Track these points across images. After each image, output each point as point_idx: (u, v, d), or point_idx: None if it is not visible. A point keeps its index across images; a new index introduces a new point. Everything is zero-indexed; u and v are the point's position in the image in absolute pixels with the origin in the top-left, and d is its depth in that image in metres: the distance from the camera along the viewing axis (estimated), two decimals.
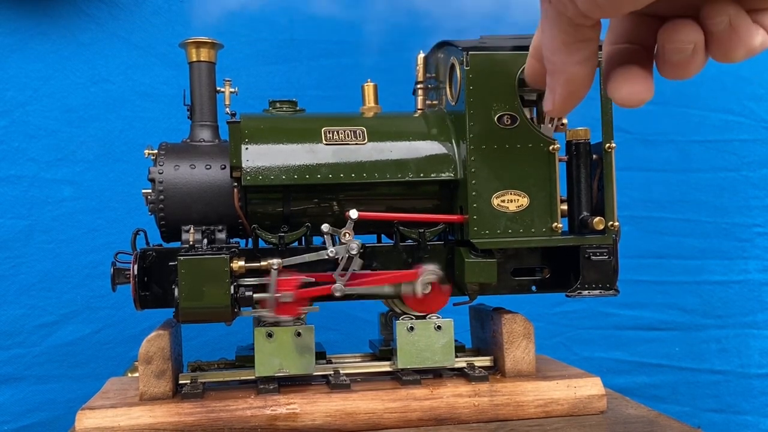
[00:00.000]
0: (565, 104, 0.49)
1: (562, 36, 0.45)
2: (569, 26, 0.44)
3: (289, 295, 0.90)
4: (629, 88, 0.46)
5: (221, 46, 1.01)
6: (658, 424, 0.87)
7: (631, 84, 0.46)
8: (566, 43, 0.45)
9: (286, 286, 0.90)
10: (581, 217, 0.96)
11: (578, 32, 0.44)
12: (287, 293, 0.90)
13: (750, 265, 1.58)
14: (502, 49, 0.94)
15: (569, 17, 0.43)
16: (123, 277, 0.93)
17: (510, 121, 0.93)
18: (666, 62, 0.44)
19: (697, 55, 0.43)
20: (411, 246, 0.98)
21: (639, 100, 0.46)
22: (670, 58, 0.44)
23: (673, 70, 0.44)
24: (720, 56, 0.44)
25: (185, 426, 0.86)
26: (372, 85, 1.07)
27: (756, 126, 1.59)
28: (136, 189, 1.02)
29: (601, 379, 0.96)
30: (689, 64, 0.44)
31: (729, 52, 0.43)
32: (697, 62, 0.44)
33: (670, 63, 0.44)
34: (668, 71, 0.45)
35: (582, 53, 0.46)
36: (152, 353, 0.90)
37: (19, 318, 1.34)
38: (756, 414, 1.56)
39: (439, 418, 0.91)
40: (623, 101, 0.46)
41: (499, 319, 0.98)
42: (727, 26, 0.42)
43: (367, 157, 0.96)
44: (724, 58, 0.44)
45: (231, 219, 0.95)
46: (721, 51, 0.43)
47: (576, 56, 0.46)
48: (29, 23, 1.36)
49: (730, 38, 0.42)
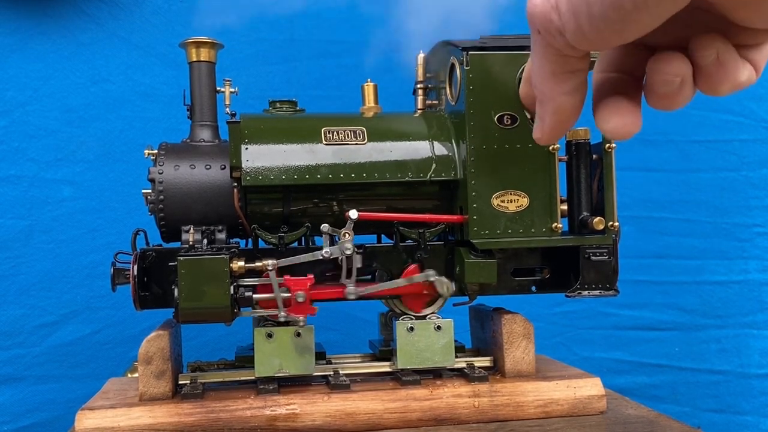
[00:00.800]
0: (554, 133, 0.50)
1: (551, 66, 0.45)
2: (558, 57, 0.44)
3: (302, 294, 0.90)
4: (617, 121, 0.47)
5: (221, 46, 1.01)
6: (658, 424, 0.87)
7: (620, 117, 0.47)
8: (555, 73, 0.46)
9: (300, 286, 0.90)
10: (581, 217, 0.96)
11: (567, 63, 0.45)
12: (300, 293, 0.90)
13: (750, 265, 1.58)
14: (502, 49, 0.94)
15: (558, 48, 0.43)
16: (123, 277, 0.93)
17: (510, 121, 0.93)
18: (654, 93, 0.45)
19: (684, 87, 0.44)
20: (411, 246, 0.98)
21: (626, 133, 0.47)
22: (657, 90, 0.44)
23: (660, 101, 0.45)
24: (706, 89, 0.44)
25: (185, 426, 0.86)
26: (372, 85, 1.07)
27: (756, 126, 1.59)
28: (136, 189, 1.02)
29: (601, 379, 0.96)
30: (676, 96, 0.44)
31: (715, 86, 0.44)
32: (684, 94, 0.44)
33: (658, 94, 0.44)
34: (656, 102, 0.45)
35: (570, 83, 0.46)
36: (152, 353, 0.90)
37: (19, 318, 1.34)
38: (756, 414, 1.56)
39: (439, 419, 0.91)
40: (611, 134, 0.47)
41: (499, 319, 0.98)
42: (714, 60, 0.42)
43: (367, 157, 0.96)
44: (710, 92, 0.44)
45: (231, 219, 0.95)
46: (707, 84, 0.44)
47: (564, 86, 0.46)
48: (29, 23, 1.36)
49: (717, 72, 0.43)
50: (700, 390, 1.56)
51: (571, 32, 0.41)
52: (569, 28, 0.41)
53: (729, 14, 0.41)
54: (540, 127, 0.50)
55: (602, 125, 0.47)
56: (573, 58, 0.44)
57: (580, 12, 0.40)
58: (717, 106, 1.58)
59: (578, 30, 0.41)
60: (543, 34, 0.43)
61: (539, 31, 0.43)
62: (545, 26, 0.42)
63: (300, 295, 0.90)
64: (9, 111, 1.35)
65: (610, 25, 0.39)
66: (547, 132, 0.49)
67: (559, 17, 0.41)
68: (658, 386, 1.55)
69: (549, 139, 0.50)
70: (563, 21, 0.41)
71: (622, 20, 0.38)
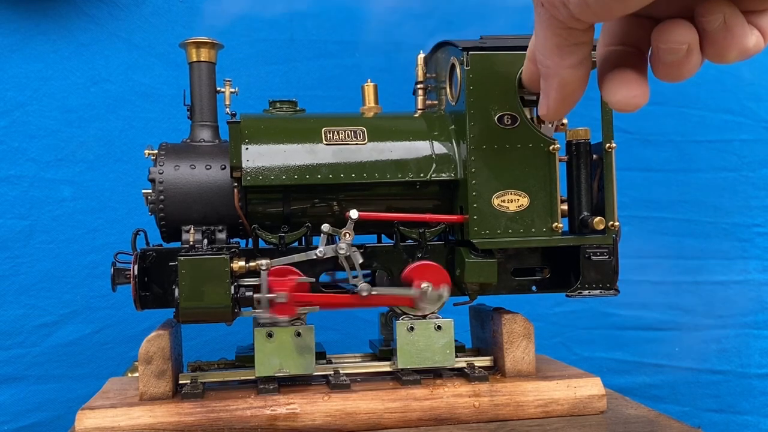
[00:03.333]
0: (560, 108, 0.49)
1: (555, 39, 0.45)
2: (562, 30, 0.44)
3: (283, 295, 0.89)
4: (625, 93, 0.46)
5: (221, 46, 1.01)
6: (658, 424, 0.87)
7: (627, 88, 0.46)
8: (559, 46, 0.45)
9: (281, 287, 0.90)
10: (581, 217, 0.96)
11: (571, 36, 0.44)
12: (281, 293, 0.89)
13: (750, 265, 1.58)
14: (502, 49, 0.94)
15: (562, 21, 0.43)
16: (123, 277, 0.93)
17: (510, 121, 0.93)
18: (660, 63, 0.44)
19: (691, 55, 0.43)
20: (411, 246, 0.98)
21: (635, 105, 0.46)
22: (664, 59, 0.44)
23: (667, 71, 0.44)
24: (713, 56, 0.43)
25: (185, 426, 0.86)
26: (372, 85, 1.07)
27: (756, 126, 1.59)
28: (136, 189, 1.02)
29: (601, 379, 0.96)
30: (683, 65, 0.43)
31: (722, 52, 0.43)
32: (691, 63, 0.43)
33: (664, 64, 0.44)
34: (663, 72, 0.44)
35: (575, 56, 0.46)
36: (152, 353, 0.90)
37: (19, 318, 1.34)
38: (756, 414, 1.56)
39: (439, 418, 0.91)
40: (619, 106, 0.46)
41: (499, 319, 0.98)
42: (721, 25, 0.42)
43: (367, 157, 0.96)
44: (717, 58, 0.43)
45: (231, 219, 0.95)
46: (714, 50, 0.43)
47: (569, 60, 0.46)
48: (29, 23, 1.36)
49: (724, 37, 0.42)
50: (700, 390, 1.56)
51: (575, 3, 0.41)
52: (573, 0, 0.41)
53: None
54: (545, 103, 0.49)
55: (609, 97, 0.47)
56: (577, 31, 0.44)
57: None
58: (717, 106, 1.58)
59: (582, 1, 0.40)
60: (547, 7, 0.43)
61: (543, 4, 0.43)
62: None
63: (281, 296, 0.89)
64: (9, 111, 1.35)
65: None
66: (552, 107, 0.49)
67: None
68: (658, 386, 1.55)
69: (554, 114, 0.50)
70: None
71: None
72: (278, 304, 0.89)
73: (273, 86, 1.44)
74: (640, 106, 0.46)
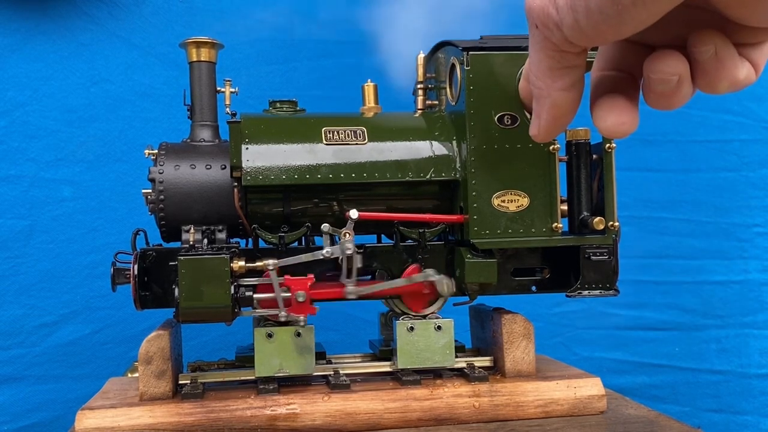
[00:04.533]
0: (550, 129, 0.49)
1: (548, 61, 0.45)
2: (555, 52, 0.44)
3: (302, 294, 0.90)
4: (614, 119, 0.46)
5: (221, 46, 1.01)
6: (658, 424, 0.87)
7: (617, 115, 0.46)
8: (551, 68, 0.45)
9: (300, 286, 0.90)
10: (581, 217, 0.96)
11: (564, 59, 0.44)
12: (301, 292, 0.90)
13: (750, 265, 1.58)
14: (502, 49, 0.94)
15: (555, 43, 0.43)
16: (123, 277, 0.93)
17: (510, 121, 0.93)
18: (651, 92, 0.44)
19: (682, 86, 0.43)
20: (411, 246, 0.98)
21: (623, 132, 0.46)
22: (654, 89, 0.44)
23: (658, 100, 0.45)
24: (704, 86, 0.44)
25: (185, 426, 0.86)
26: (372, 85, 1.07)
27: (756, 126, 1.59)
28: (136, 189, 1.02)
29: (601, 379, 0.96)
30: (674, 95, 0.44)
31: (713, 83, 0.43)
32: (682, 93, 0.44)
33: (655, 93, 0.44)
34: (654, 101, 0.45)
35: (567, 79, 0.46)
36: (152, 353, 0.90)
37: (19, 318, 1.34)
38: (756, 414, 1.56)
39: (439, 419, 0.91)
40: (608, 132, 0.47)
41: (499, 319, 0.98)
42: (712, 56, 0.42)
43: (367, 157, 0.96)
44: (708, 89, 0.44)
45: (231, 219, 0.95)
46: (705, 81, 0.43)
47: (561, 82, 0.46)
48: (29, 23, 1.36)
49: (715, 68, 0.43)
50: (700, 390, 1.56)
51: (568, 27, 0.41)
52: (567, 23, 0.41)
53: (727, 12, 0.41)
54: (536, 124, 0.50)
55: (599, 123, 0.47)
56: (570, 54, 0.44)
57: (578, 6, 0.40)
58: (717, 106, 1.58)
59: (575, 25, 0.41)
60: (541, 29, 0.43)
61: (537, 26, 0.43)
62: (543, 21, 0.42)
63: (300, 295, 0.90)
64: (9, 111, 1.35)
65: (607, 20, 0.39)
66: (543, 128, 0.49)
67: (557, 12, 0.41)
68: (658, 386, 1.55)
69: (545, 136, 0.50)
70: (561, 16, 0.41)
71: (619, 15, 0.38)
72: (297, 304, 0.90)
73: (273, 86, 1.44)
74: (628, 134, 0.46)
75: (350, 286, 0.92)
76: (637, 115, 0.46)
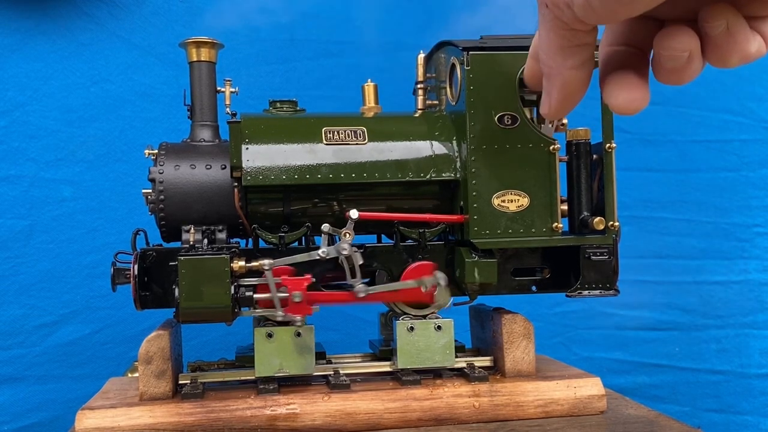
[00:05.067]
0: (561, 107, 0.49)
1: (559, 40, 0.45)
2: (565, 31, 0.44)
3: (299, 294, 0.90)
4: (625, 96, 0.46)
5: (221, 46, 1.01)
6: (658, 424, 0.87)
7: (628, 91, 0.46)
8: (562, 47, 0.45)
9: (297, 286, 0.90)
10: (581, 217, 0.96)
11: (574, 37, 0.44)
12: (297, 293, 0.90)
13: (750, 265, 1.58)
14: (502, 49, 0.94)
15: (565, 22, 0.43)
16: (123, 277, 0.93)
17: (510, 121, 0.93)
18: (661, 68, 0.44)
19: (692, 61, 0.43)
20: (411, 246, 0.98)
21: (635, 108, 0.46)
22: (665, 65, 0.44)
23: (668, 75, 0.44)
24: (715, 60, 0.44)
25: (185, 426, 0.86)
26: (372, 85, 1.07)
27: (756, 126, 1.59)
28: (136, 189, 1.02)
29: (601, 379, 0.96)
30: (684, 71, 0.44)
31: (724, 57, 0.43)
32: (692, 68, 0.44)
33: (666, 69, 0.44)
34: (664, 77, 0.45)
35: (578, 57, 0.46)
36: (152, 353, 0.90)
37: (19, 318, 1.34)
38: (756, 414, 1.56)
39: (439, 419, 0.91)
40: (619, 108, 0.47)
41: (499, 319, 0.98)
42: (724, 30, 0.42)
43: (368, 157, 0.96)
44: (719, 63, 0.44)
45: (231, 219, 0.95)
46: (716, 55, 0.43)
47: (571, 60, 0.46)
48: (29, 23, 1.36)
49: (727, 43, 0.42)
50: (700, 390, 1.56)
51: (579, 6, 0.41)
52: (578, 2, 0.41)
53: None
54: (547, 102, 0.50)
55: (610, 100, 0.47)
56: (581, 32, 0.44)
57: None
58: (717, 106, 1.58)
59: (586, 3, 0.40)
60: (551, 8, 0.43)
61: (547, 5, 0.43)
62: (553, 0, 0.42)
63: (297, 295, 0.90)
64: (9, 111, 1.35)
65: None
66: (554, 106, 0.49)
67: None
68: (658, 386, 1.55)
69: (556, 113, 0.50)
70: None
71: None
72: (294, 304, 0.90)
73: (273, 86, 1.44)
74: (639, 110, 0.46)
75: (359, 285, 0.91)
76: (647, 90, 0.46)
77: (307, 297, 0.90)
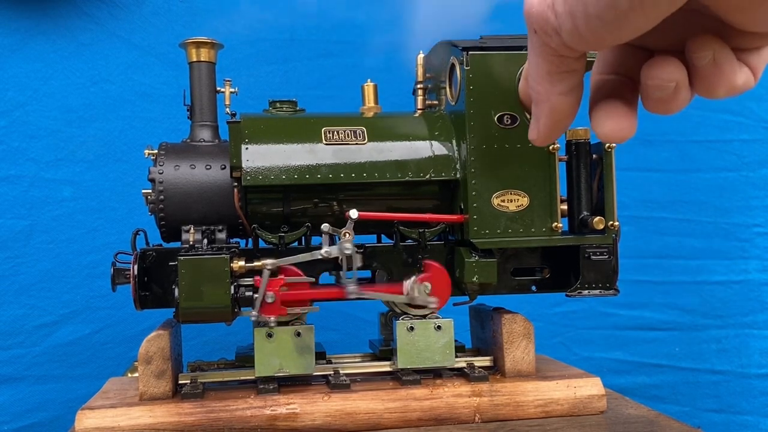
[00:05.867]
0: (550, 133, 0.49)
1: (547, 66, 0.45)
2: (554, 57, 0.44)
3: (271, 295, 0.89)
4: (612, 125, 0.46)
5: (221, 46, 1.01)
6: (658, 424, 0.87)
7: (614, 121, 0.46)
8: (550, 73, 0.45)
9: (271, 287, 0.90)
10: (581, 216, 0.96)
11: (563, 63, 0.44)
12: (270, 293, 0.89)
13: (750, 265, 1.58)
14: (502, 49, 0.94)
15: (554, 48, 0.43)
16: (123, 277, 0.93)
17: (510, 121, 0.93)
18: (649, 98, 0.45)
19: (679, 92, 0.43)
20: (411, 246, 0.98)
21: (621, 137, 0.47)
22: (651, 95, 0.44)
23: (655, 105, 0.45)
24: (702, 91, 0.44)
25: (185, 426, 0.86)
26: (372, 85, 1.07)
27: (756, 126, 1.59)
28: (136, 189, 1.02)
29: (601, 379, 0.96)
30: (671, 101, 0.44)
31: (711, 88, 0.43)
32: (680, 99, 0.44)
33: (653, 99, 0.44)
34: (652, 106, 0.45)
35: (566, 84, 0.46)
36: (152, 353, 0.90)
37: (19, 318, 1.34)
38: (756, 414, 1.56)
39: (439, 418, 0.91)
40: (606, 137, 0.47)
41: (499, 319, 0.98)
42: (710, 61, 0.42)
43: (367, 157, 0.96)
44: (706, 94, 0.44)
45: (231, 219, 0.95)
46: (703, 86, 0.43)
47: (560, 87, 0.46)
48: (29, 23, 1.36)
49: (713, 74, 0.43)
50: (700, 390, 1.56)
51: (567, 32, 0.41)
52: (565, 28, 0.41)
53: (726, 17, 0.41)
54: (536, 128, 0.50)
55: (597, 129, 0.47)
56: (569, 59, 0.44)
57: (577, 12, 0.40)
58: (717, 106, 1.58)
59: (574, 30, 0.41)
60: (539, 34, 0.43)
61: (536, 31, 0.43)
62: (542, 26, 0.42)
63: (269, 296, 0.89)
64: (9, 111, 1.35)
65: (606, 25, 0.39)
66: (542, 132, 0.49)
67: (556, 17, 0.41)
68: (658, 386, 1.55)
69: (544, 139, 0.50)
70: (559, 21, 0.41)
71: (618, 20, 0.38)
72: (267, 305, 0.89)
73: (273, 86, 1.44)
74: (626, 139, 0.47)
75: (351, 286, 0.92)
76: (635, 120, 0.47)
77: (281, 297, 0.90)
